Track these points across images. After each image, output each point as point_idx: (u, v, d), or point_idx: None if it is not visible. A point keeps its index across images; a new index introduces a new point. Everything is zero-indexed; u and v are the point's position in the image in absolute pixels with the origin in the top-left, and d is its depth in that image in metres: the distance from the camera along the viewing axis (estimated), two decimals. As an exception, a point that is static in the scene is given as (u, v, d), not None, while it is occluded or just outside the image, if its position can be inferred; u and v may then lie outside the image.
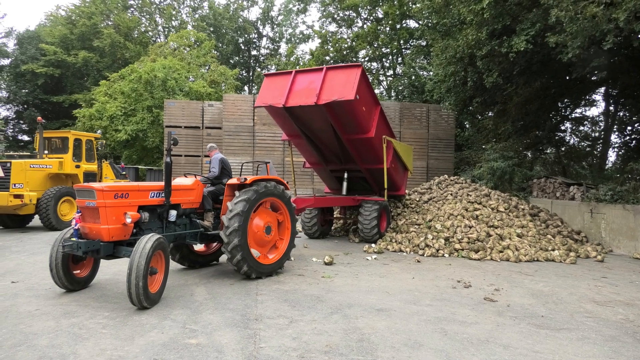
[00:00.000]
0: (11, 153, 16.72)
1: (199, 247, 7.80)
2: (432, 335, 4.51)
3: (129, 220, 5.47)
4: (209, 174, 7.40)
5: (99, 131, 22.71)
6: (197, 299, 5.68)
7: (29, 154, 15.51)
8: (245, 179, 6.78)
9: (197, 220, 6.78)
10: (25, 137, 35.69)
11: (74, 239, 5.52)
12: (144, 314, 5.00)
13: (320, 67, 10.04)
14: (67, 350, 3.97)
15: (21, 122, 35.66)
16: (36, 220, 13.00)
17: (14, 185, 11.45)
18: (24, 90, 33.28)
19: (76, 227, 5.59)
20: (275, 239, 7.30)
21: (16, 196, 11.35)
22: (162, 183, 6.11)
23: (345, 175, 11.53)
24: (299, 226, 11.61)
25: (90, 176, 13.47)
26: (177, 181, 6.72)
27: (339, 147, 10.63)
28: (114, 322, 4.71)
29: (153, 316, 4.92)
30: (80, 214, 5.66)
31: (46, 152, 13.05)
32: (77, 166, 13.17)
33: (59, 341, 4.18)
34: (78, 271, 6.01)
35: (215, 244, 7.86)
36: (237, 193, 6.66)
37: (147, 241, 5.11)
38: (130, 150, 25.19)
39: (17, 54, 33.37)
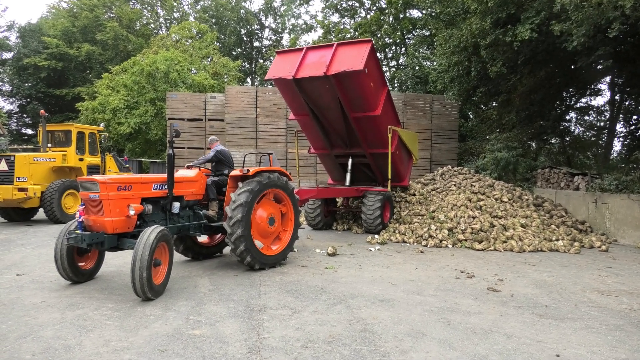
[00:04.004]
0: (15, 147, 16.76)
1: (202, 238, 7.83)
2: (436, 325, 4.51)
3: (132, 213, 5.47)
4: (200, 158, 7.40)
5: (102, 124, 22.76)
6: (200, 290, 5.71)
7: (32, 147, 15.54)
8: (248, 170, 6.76)
9: (202, 211, 6.79)
10: (29, 131, 35.78)
11: (78, 231, 5.53)
12: (148, 305, 5.02)
13: (331, 43, 10.20)
14: (72, 342, 3.99)
15: (24, 115, 35.71)
16: (41, 214, 13.06)
17: (18, 179, 11.50)
18: (26, 84, 33.27)
19: (80, 220, 5.60)
20: (279, 230, 7.30)
21: (20, 189, 11.39)
22: (165, 175, 6.11)
23: (350, 162, 11.53)
24: (302, 217, 11.63)
25: (93, 169, 13.49)
26: (180, 173, 6.72)
27: (345, 128, 10.67)
28: (119, 314, 4.74)
29: (157, 307, 4.94)
30: (84, 206, 5.67)
31: (49, 145, 13.08)
32: (81, 159, 13.19)
33: (64, 333, 4.21)
34: (83, 263, 6.04)
35: (218, 235, 7.88)
36: (240, 184, 6.66)
37: (151, 233, 5.12)
38: (134, 143, 25.22)
39: (19, 47, 33.32)
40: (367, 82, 9.75)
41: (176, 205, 6.23)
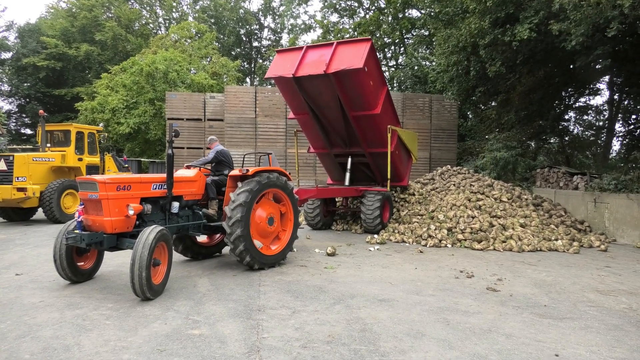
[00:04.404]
0: (14, 146, 16.77)
1: (202, 238, 7.82)
2: (435, 325, 4.52)
3: (131, 212, 5.47)
4: (200, 159, 7.42)
5: (101, 124, 22.74)
6: (200, 290, 5.70)
7: (31, 147, 15.53)
8: (248, 170, 6.76)
9: (202, 210, 6.79)
10: (28, 131, 35.77)
11: (77, 231, 5.53)
12: (147, 305, 5.02)
13: (331, 42, 10.25)
14: (71, 342, 3.99)
15: (23, 115, 35.71)
16: (40, 213, 13.05)
17: (17, 179, 11.49)
18: (25, 84, 33.26)
19: (79, 220, 5.59)
20: (278, 230, 7.30)
21: (19, 189, 11.38)
22: (165, 175, 6.10)
23: (349, 161, 11.53)
24: (301, 217, 11.62)
25: (92, 169, 13.48)
26: (179, 173, 6.72)
27: (344, 127, 10.69)
28: (118, 314, 4.73)
29: (156, 307, 4.94)
30: (83, 206, 5.67)
31: (49, 145, 13.07)
32: (80, 159, 13.19)
33: (63, 332, 4.20)
34: (82, 263, 6.03)
35: (218, 235, 7.88)
36: (239, 184, 6.66)
37: (150, 233, 5.12)
38: (133, 142, 25.20)
39: (18, 47, 33.30)
40: (367, 81, 9.78)
41: (175, 205, 6.22)
